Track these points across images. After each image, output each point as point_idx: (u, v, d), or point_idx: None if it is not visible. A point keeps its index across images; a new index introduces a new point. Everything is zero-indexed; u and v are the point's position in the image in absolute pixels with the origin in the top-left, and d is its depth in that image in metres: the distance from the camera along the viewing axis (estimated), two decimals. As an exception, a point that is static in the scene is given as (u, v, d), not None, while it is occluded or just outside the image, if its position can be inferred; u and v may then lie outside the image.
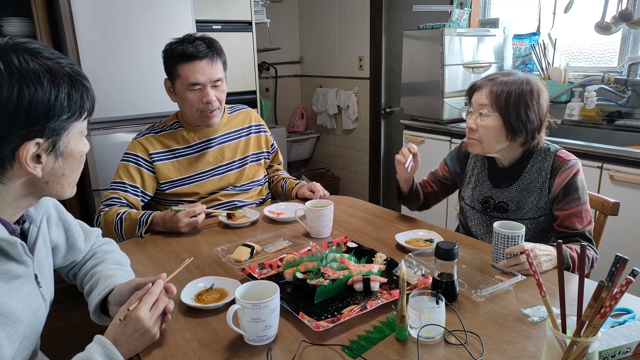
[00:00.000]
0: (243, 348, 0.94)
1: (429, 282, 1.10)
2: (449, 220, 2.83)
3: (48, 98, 0.79)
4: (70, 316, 2.47)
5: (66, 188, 0.90)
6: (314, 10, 4.32)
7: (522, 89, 1.39)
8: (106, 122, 2.47)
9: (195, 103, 1.65)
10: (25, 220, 0.94)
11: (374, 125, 3.92)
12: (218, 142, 1.79)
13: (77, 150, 0.88)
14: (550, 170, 1.43)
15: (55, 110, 0.80)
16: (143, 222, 1.52)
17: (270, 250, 1.37)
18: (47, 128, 0.80)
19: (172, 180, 1.71)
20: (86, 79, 0.87)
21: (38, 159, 0.82)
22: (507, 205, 1.49)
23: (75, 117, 0.85)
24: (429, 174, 1.76)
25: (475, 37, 2.83)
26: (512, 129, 1.39)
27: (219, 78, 1.66)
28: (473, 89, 1.48)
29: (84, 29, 2.32)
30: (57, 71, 0.81)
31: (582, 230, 1.39)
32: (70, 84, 0.82)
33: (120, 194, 1.63)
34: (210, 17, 2.88)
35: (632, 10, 2.35)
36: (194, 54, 1.60)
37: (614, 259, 0.71)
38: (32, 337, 0.92)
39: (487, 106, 1.41)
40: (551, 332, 0.75)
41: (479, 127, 1.43)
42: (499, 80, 1.42)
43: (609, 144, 2.18)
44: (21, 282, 0.88)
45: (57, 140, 0.83)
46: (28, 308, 0.88)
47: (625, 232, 1.98)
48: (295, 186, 1.89)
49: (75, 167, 0.90)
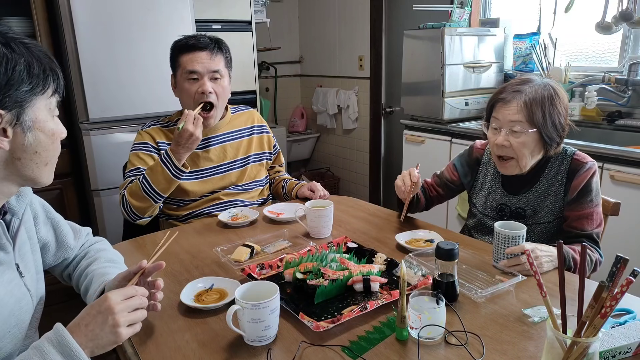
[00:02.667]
0: (243, 348, 0.93)
1: (429, 282, 1.10)
2: (449, 220, 2.83)
3: (5, 67, 0.79)
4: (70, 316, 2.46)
5: (42, 168, 0.89)
6: (314, 10, 4.31)
7: (550, 96, 1.34)
8: (105, 122, 2.47)
9: (192, 93, 1.66)
10: (7, 212, 0.94)
11: (374, 125, 3.92)
12: (220, 141, 1.79)
13: (47, 127, 0.87)
14: (567, 174, 1.40)
15: (13, 80, 0.80)
16: (166, 159, 1.56)
17: (270, 250, 1.37)
18: (7, 98, 0.80)
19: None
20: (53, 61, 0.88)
21: (4, 133, 0.81)
22: (525, 211, 1.46)
23: (39, 91, 0.84)
24: (434, 176, 1.71)
25: (475, 37, 2.83)
26: (549, 139, 1.35)
27: (217, 69, 1.66)
28: (497, 102, 1.39)
29: (84, 29, 2.32)
30: (16, 46, 0.81)
31: (589, 232, 1.38)
32: (31, 59, 0.83)
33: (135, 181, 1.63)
34: (210, 16, 2.88)
35: (633, 10, 2.34)
36: (195, 45, 1.65)
37: (615, 259, 0.71)
38: (20, 327, 0.92)
39: (521, 122, 1.33)
40: (552, 332, 0.75)
41: (512, 145, 1.35)
42: (526, 91, 1.34)
43: (610, 144, 2.17)
44: (1, 269, 0.88)
45: (21, 113, 0.82)
46: (9, 295, 0.89)
47: (625, 232, 1.98)
48: (295, 186, 1.89)
49: (49, 147, 0.88)
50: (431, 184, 1.70)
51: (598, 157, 2.07)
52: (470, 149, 1.63)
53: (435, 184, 1.69)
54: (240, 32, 3.04)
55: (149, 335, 0.98)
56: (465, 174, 1.62)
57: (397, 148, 3.60)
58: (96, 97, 2.41)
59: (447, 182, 1.66)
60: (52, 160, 0.91)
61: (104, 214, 2.53)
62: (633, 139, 2.35)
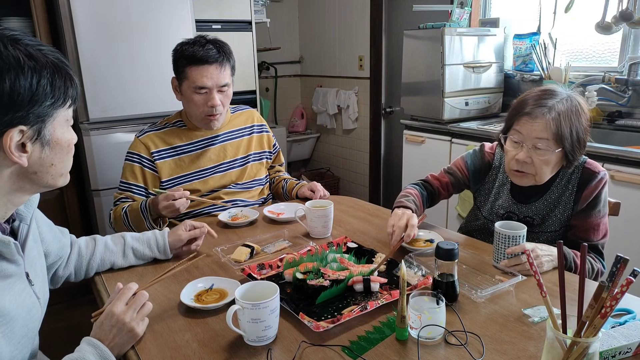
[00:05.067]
0: (243, 348, 0.93)
1: (429, 282, 1.10)
2: (449, 220, 2.83)
3: (30, 83, 0.77)
4: (70, 316, 2.47)
5: (57, 178, 0.89)
6: (314, 10, 4.31)
7: (577, 112, 1.29)
8: (105, 122, 2.47)
9: (200, 106, 1.67)
10: (15, 219, 0.93)
11: (374, 125, 3.92)
12: (220, 140, 1.80)
13: (64, 139, 0.87)
14: (578, 183, 1.37)
15: (38, 95, 0.79)
16: (144, 209, 1.56)
17: (270, 250, 1.37)
18: (30, 114, 0.79)
19: (173, 177, 1.72)
20: (69, 67, 0.86)
21: (23, 147, 0.80)
22: (533, 220, 1.43)
23: (60, 104, 0.83)
24: (445, 174, 1.59)
25: (475, 37, 2.83)
26: (572, 156, 1.30)
27: (225, 83, 1.67)
28: (521, 115, 1.32)
29: (84, 29, 2.32)
30: (38, 57, 0.80)
31: (595, 243, 1.37)
32: (53, 70, 0.81)
33: (128, 195, 1.68)
34: (210, 16, 2.88)
35: (633, 10, 2.35)
36: (203, 58, 1.61)
37: (615, 259, 0.71)
38: (29, 336, 0.91)
39: (546, 140, 1.27)
40: (552, 332, 0.75)
41: (534, 162, 1.30)
42: (554, 106, 1.28)
43: (610, 144, 2.17)
44: (12, 281, 0.87)
45: (42, 127, 0.82)
46: (21, 306, 0.88)
47: (625, 232, 1.98)
48: (295, 186, 1.89)
49: (64, 157, 0.88)
50: (443, 185, 1.59)
51: (598, 157, 2.07)
52: (481, 152, 1.57)
53: (450, 184, 1.59)
54: (240, 32, 3.04)
55: (149, 335, 0.98)
56: (475, 178, 1.56)
57: (397, 148, 3.60)
58: (96, 97, 2.40)
59: (460, 179, 1.58)
60: (67, 170, 0.91)
61: (104, 214, 2.52)
62: (633, 139, 2.35)
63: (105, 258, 1.25)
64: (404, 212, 1.35)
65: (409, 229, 1.28)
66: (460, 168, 1.58)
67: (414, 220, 1.30)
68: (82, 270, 1.23)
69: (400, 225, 1.28)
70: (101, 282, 1.22)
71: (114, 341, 0.91)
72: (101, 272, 1.26)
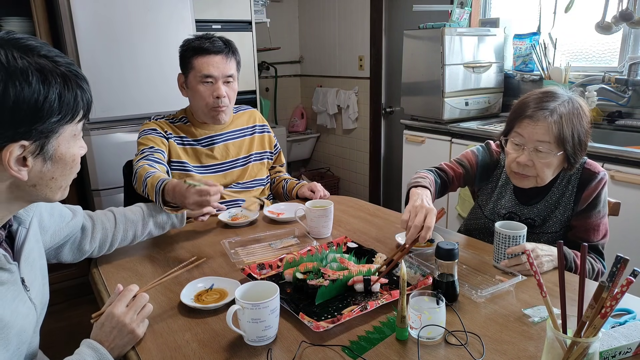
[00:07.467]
0: (243, 348, 0.93)
1: (429, 282, 1.10)
2: (449, 220, 2.83)
3: (36, 98, 0.73)
4: (70, 316, 2.47)
5: (56, 191, 0.85)
6: (314, 10, 4.32)
7: (579, 114, 1.29)
8: (106, 122, 2.47)
9: (206, 96, 1.68)
10: (12, 224, 0.90)
11: (374, 125, 3.92)
12: (223, 139, 1.81)
13: (69, 154, 0.83)
14: (578, 184, 1.37)
15: (43, 111, 0.74)
16: (158, 190, 1.40)
17: (276, 246, 1.38)
18: (33, 130, 0.75)
19: (181, 160, 1.72)
20: (83, 80, 0.82)
21: (24, 161, 0.77)
22: (534, 221, 1.43)
23: (67, 120, 0.79)
24: (458, 165, 1.53)
25: (475, 37, 2.83)
26: (573, 159, 1.31)
27: (231, 74, 1.70)
28: (522, 118, 1.32)
29: (84, 29, 2.32)
30: (49, 70, 0.75)
31: (595, 243, 1.37)
32: (63, 84, 0.77)
33: (148, 153, 1.61)
34: (210, 16, 2.89)
35: (633, 10, 2.34)
36: (209, 48, 1.66)
37: (615, 259, 0.71)
38: (27, 342, 0.89)
39: (548, 143, 1.27)
40: (552, 332, 0.75)
41: (535, 165, 1.30)
42: (556, 109, 1.27)
43: (610, 144, 2.17)
44: (5, 288, 0.84)
45: (45, 143, 0.78)
46: (15, 313, 0.84)
47: (626, 232, 1.98)
48: (295, 186, 1.89)
49: (66, 172, 0.85)
50: (457, 176, 1.52)
51: (598, 157, 2.07)
52: (489, 148, 1.55)
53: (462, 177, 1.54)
54: (240, 32, 3.04)
55: (149, 335, 0.98)
56: (483, 172, 1.54)
57: (397, 148, 3.61)
58: (96, 97, 2.34)
59: (468, 171, 1.53)
60: (67, 183, 0.88)
61: (104, 214, 2.52)
62: (633, 139, 2.35)
63: (127, 229, 1.29)
64: (421, 197, 1.26)
65: (424, 231, 1.17)
66: (471, 161, 1.53)
67: (431, 220, 1.18)
68: (106, 244, 1.26)
69: (416, 225, 1.17)
70: (101, 281, 1.22)
71: (114, 343, 0.91)
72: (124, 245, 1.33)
